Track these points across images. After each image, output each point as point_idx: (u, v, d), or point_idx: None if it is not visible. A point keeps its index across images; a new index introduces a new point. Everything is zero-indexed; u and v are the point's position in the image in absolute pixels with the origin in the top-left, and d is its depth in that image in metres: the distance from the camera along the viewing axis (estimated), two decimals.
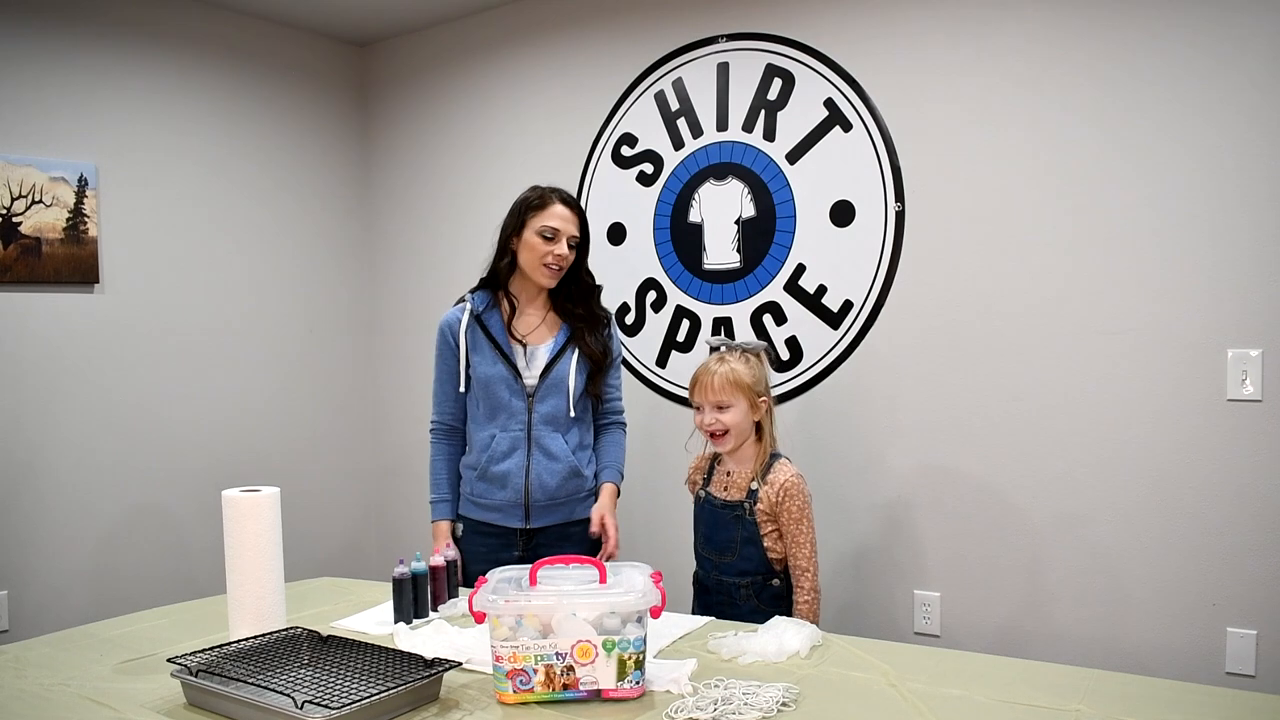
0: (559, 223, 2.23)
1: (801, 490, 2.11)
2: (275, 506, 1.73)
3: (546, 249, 2.22)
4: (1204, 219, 2.34)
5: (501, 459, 2.22)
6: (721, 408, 2.12)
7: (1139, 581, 2.45)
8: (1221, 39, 2.30)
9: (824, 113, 2.87)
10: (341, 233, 3.95)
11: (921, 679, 1.48)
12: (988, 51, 2.61)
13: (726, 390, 2.11)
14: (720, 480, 2.19)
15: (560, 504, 2.26)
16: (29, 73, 3.05)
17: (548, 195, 2.26)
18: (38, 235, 3.04)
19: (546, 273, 2.24)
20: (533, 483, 2.22)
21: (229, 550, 1.70)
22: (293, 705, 1.29)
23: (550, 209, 2.23)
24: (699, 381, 2.17)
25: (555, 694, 1.41)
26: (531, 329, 2.29)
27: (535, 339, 2.28)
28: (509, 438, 2.23)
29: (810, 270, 2.91)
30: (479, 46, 3.67)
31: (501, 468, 2.22)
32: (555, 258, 2.22)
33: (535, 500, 2.23)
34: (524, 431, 2.23)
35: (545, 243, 2.22)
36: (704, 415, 2.15)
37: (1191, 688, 1.47)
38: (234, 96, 3.59)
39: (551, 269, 2.24)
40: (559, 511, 2.26)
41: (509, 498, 2.23)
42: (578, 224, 2.27)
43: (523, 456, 2.22)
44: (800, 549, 2.09)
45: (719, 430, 2.13)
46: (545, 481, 2.23)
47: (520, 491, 2.22)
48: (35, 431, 3.08)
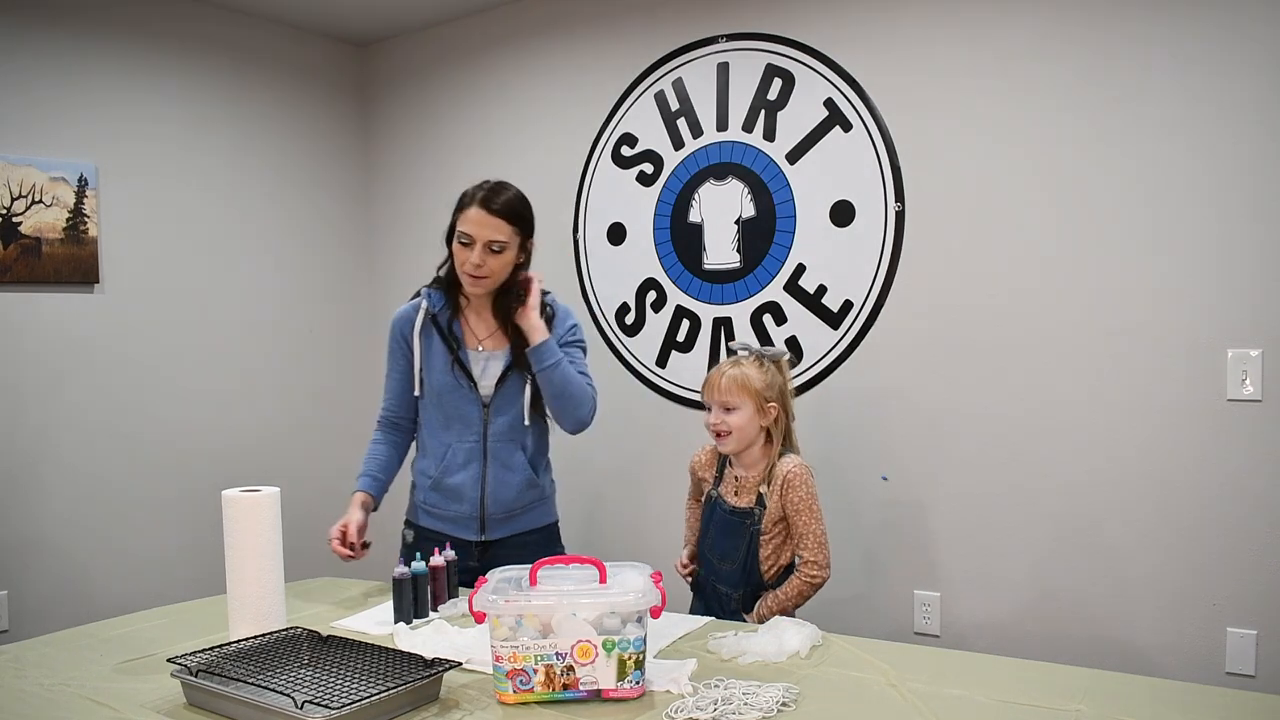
0: (472, 227, 2.02)
1: (806, 481, 2.08)
2: (275, 506, 1.73)
3: (463, 255, 2.04)
4: (1204, 219, 2.34)
5: (457, 470, 2.12)
6: (728, 409, 2.12)
7: (1139, 581, 2.45)
8: (1221, 40, 2.30)
9: (824, 113, 2.87)
10: (342, 232, 3.95)
11: (921, 679, 1.48)
12: (988, 51, 2.61)
13: (733, 392, 2.11)
14: (730, 484, 2.18)
15: (516, 515, 2.16)
16: (29, 73, 3.05)
17: (471, 196, 2.06)
18: (38, 235, 3.04)
19: (467, 281, 2.06)
20: (489, 497, 2.12)
21: (229, 550, 1.70)
22: (293, 705, 1.29)
23: (467, 211, 2.04)
24: (709, 381, 2.18)
25: (555, 694, 1.41)
26: (488, 333, 2.15)
27: (492, 343, 2.14)
28: (464, 449, 2.12)
29: (810, 270, 2.91)
30: (479, 46, 3.67)
31: (456, 480, 2.12)
32: (471, 265, 2.03)
33: (491, 514, 2.13)
34: (479, 444, 2.11)
35: (461, 248, 2.04)
36: (711, 414, 2.16)
37: (1191, 688, 1.47)
38: (234, 96, 3.59)
39: (470, 277, 2.05)
40: (515, 522, 2.16)
41: (464, 510, 2.13)
42: (499, 227, 2.03)
43: (478, 469, 2.12)
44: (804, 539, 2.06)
45: (723, 430, 2.13)
46: (501, 495, 2.13)
47: (476, 504, 2.12)
48: (35, 431, 3.08)
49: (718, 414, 2.13)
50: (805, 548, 2.07)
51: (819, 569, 2.05)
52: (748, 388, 2.11)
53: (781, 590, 2.07)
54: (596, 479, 3.35)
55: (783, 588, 2.07)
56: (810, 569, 2.05)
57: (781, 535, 2.10)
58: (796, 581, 2.06)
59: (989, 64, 2.60)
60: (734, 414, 2.12)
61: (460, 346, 2.12)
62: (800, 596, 2.06)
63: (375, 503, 2.17)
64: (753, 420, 2.13)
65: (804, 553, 2.07)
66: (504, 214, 2.04)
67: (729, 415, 2.12)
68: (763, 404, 2.13)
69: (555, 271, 3.43)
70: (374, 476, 2.18)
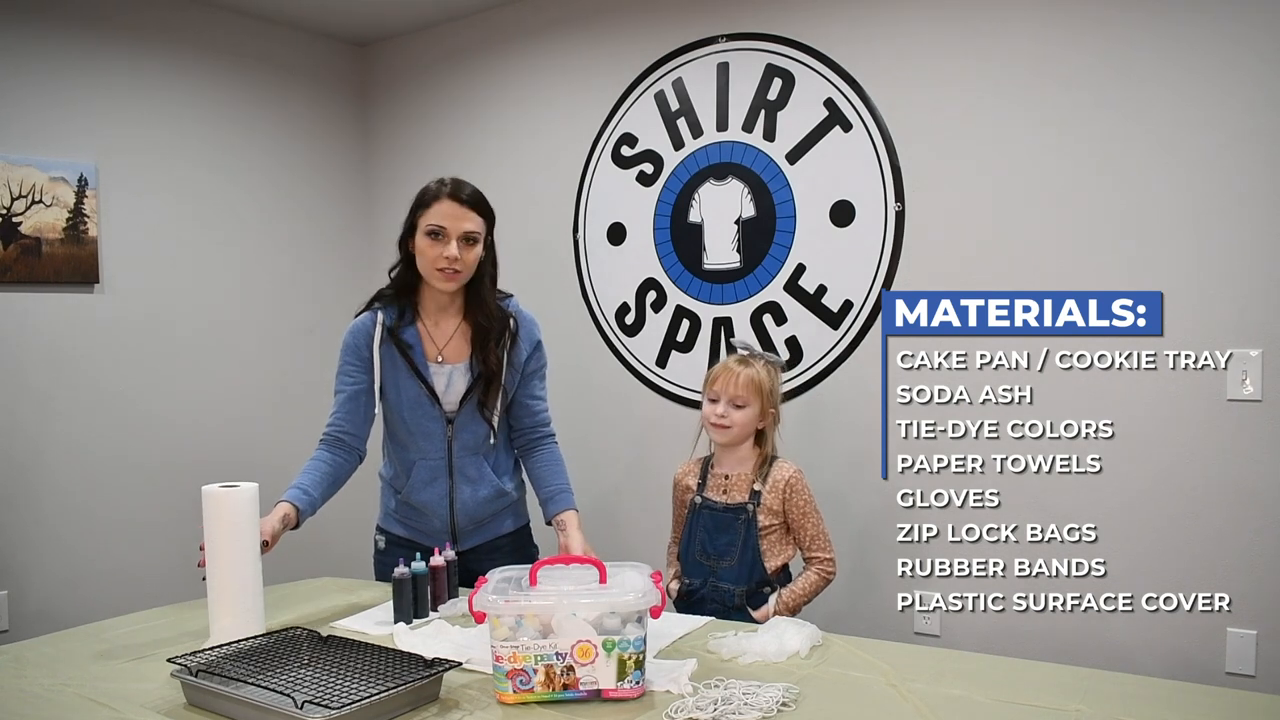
0: (444, 220, 1.97)
1: (805, 485, 2.17)
2: (254, 502, 1.73)
3: (436, 250, 1.97)
4: (1204, 219, 2.34)
5: (423, 488, 2.08)
6: (738, 405, 2.15)
7: (1139, 581, 2.44)
8: (1222, 40, 2.30)
9: (824, 113, 2.87)
10: (342, 233, 3.95)
11: (921, 679, 1.48)
12: (988, 51, 2.61)
13: (748, 389, 2.15)
14: (717, 484, 2.19)
15: (486, 523, 2.14)
16: (29, 73, 3.05)
17: (436, 191, 2.00)
18: (38, 235, 3.04)
19: (440, 277, 2.00)
20: (458, 511, 2.10)
21: (208, 545, 1.70)
22: (293, 705, 1.29)
23: (435, 205, 1.98)
24: (723, 374, 2.18)
25: (555, 694, 1.41)
26: (445, 341, 2.08)
27: (452, 355, 2.07)
28: (429, 465, 2.07)
29: (810, 270, 2.91)
30: (479, 46, 3.67)
31: (423, 498, 2.09)
32: (446, 259, 1.97)
33: (461, 526, 2.11)
34: (444, 460, 2.07)
35: (433, 244, 1.98)
36: (718, 406, 2.17)
37: (1191, 688, 1.47)
38: (234, 96, 3.58)
39: (444, 273, 1.99)
40: (485, 530, 2.15)
41: (434, 525, 2.10)
42: (473, 218, 1.99)
43: (445, 485, 2.08)
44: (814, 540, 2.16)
45: (726, 424, 2.15)
46: (470, 509, 2.10)
47: (446, 520, 2.10)
48: (35, 431, 3.08)
49: (725, 408, 2.16)
50: (818, 548, 2.17)
51: (834, 565, 2.17)
52: (760, 389, 2.16)
53: (797, 585, 2.13)
54: (596, 479, 3.35)
55: (798, 583, 2.14)
56: (827, 565, 2.16)
57: (777, 533, 2.13)
58: (814, 577, 2.14)
59: (989, 64, 2.60)
60: (742, 411, 2.16)
61: (422, 358, 2.05)
62: (815, 591, 2.15)
63: (298, 521, 1.93)
64: (754, 420, 2.17)
65: (817, 552, 2.16)
66: (474, 204, 2.01)
67: (736, 412, 2.16)
68: (766, 406, 2.18)
69: (555, 272, 3.43)
70: (307, 491, 1.96)
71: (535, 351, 2.15)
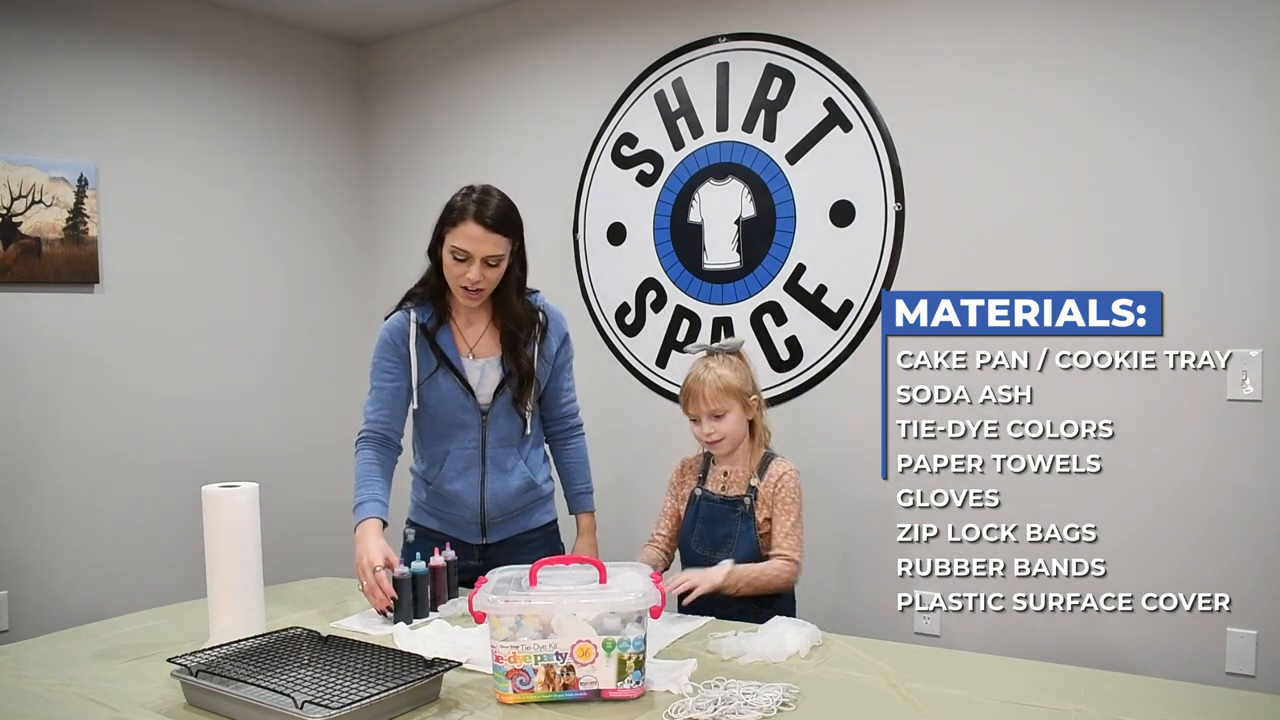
0: (467, 244, 1.99)
1: (796, 484, 2.12)
2: (254, 502, 1.73)
3: (459, 270, 2.01)
4: (1205, 219, 2.34)
5: (455, 478, 2.12)
6: (718, 416, 2.11)
7: (1139, 581, 2.44)
8: (1222, 39, 2.30)
9: (824, 113, 2.87)
10: (342, 233, 3.95)
11: (921, 679, 1.48)
12: (988, 51, 2.61)
13: (719, 398, 2.10)
14: (717, 479, 2.19)
15: (516, 516, 2.18)
16: (29, 73, 3.05)
17: (462, 210, 2.01)
18: (38, 235, 3.04)
19: (462, 294, 2.05)
20: (489, 501, 2.13)
21: (208, 545, 1.71)
22: (293, 705, 1.29)
23: (461, 226, 1.99)
24: (691, 392, 2.13)
25: (555, 694, 1.41)
26: (476, 339, 2.13)
27: (484, 350, 2.13)
28: (463, 455, 2.11)
29: (810, 270, 2.91)
30: (479, 46, 3.67)
31: (454, 487, 2.12)
32: (469, 281, 2.01)
33: (491, 518, 2.14)
34: (478, 450, 2.11)
35: (456, 264, 2.01)
36: (701, 426, 2.13)
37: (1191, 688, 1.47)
38: (234, 96, 3.58)
39: (466, 291, 2.04)
40: (516, 523, 2.18)
41: (465, 515, 2.13)
42: (497, 241, 2.01)
43: (477, 475, 2.12)
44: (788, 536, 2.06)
45: (718, 438, 2.13)
46: (501, 499, 2.13)
47: (476, 510, 2.13)
48: (35, 431, 3.07)
49: (709, 424, 2.12)
50: (789, 546, 2.06)
51: (798, 568, 2.06)
52: (731, 389, 2.10)
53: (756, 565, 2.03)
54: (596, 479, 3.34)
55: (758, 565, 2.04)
56: (790, 565, 2.04)
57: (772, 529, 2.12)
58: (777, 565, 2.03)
59: (989, 64, 2.60)
60: (725, 420, 2.11)
61: (456, 354, 2.11)
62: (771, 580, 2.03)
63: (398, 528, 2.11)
64: (741, 419, 2.14)
65: (787, 550, 2.05)
66: (500, 228, 2.01)
67: (720, 422, 2.11)
68: (746, 400, 2.13)
69: (555, 271, 3.43)
70: (381, 501, 2.05)
71: (564, 344, 2.24)
